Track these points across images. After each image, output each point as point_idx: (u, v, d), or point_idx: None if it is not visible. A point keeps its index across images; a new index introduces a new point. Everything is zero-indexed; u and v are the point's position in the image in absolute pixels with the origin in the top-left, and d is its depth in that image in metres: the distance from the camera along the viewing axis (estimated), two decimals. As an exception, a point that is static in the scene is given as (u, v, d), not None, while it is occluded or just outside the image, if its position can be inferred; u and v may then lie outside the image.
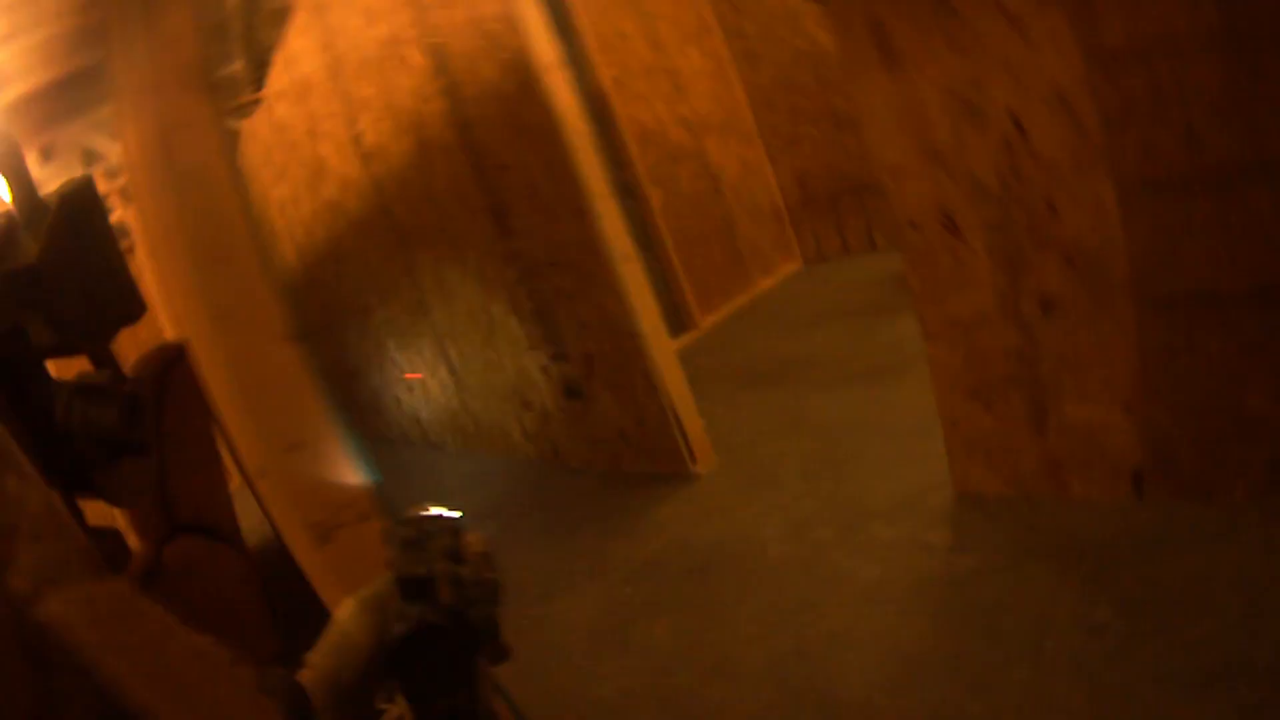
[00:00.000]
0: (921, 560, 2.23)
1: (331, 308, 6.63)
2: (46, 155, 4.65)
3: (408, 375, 5.51)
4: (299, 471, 1.48)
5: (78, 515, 0.40)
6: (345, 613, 0.77)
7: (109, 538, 0.47)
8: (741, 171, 5.95)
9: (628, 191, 5.51)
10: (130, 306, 0.45)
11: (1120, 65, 1.74)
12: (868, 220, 5.48)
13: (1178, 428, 1.91)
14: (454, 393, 5.37)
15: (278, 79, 5.24)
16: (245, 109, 5.75)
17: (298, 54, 5.00)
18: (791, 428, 3.54)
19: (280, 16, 5.37)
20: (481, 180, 3.87)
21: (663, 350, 3.60)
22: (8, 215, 0.40)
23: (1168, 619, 1.66)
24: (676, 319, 5.60)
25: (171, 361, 1.64)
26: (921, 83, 2.12)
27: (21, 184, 0.40)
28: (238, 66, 6.02)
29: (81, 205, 0.42)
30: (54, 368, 0.43)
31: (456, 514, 0.94)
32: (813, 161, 5.68)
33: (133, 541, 1.59)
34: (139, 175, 1.57)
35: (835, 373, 3.86)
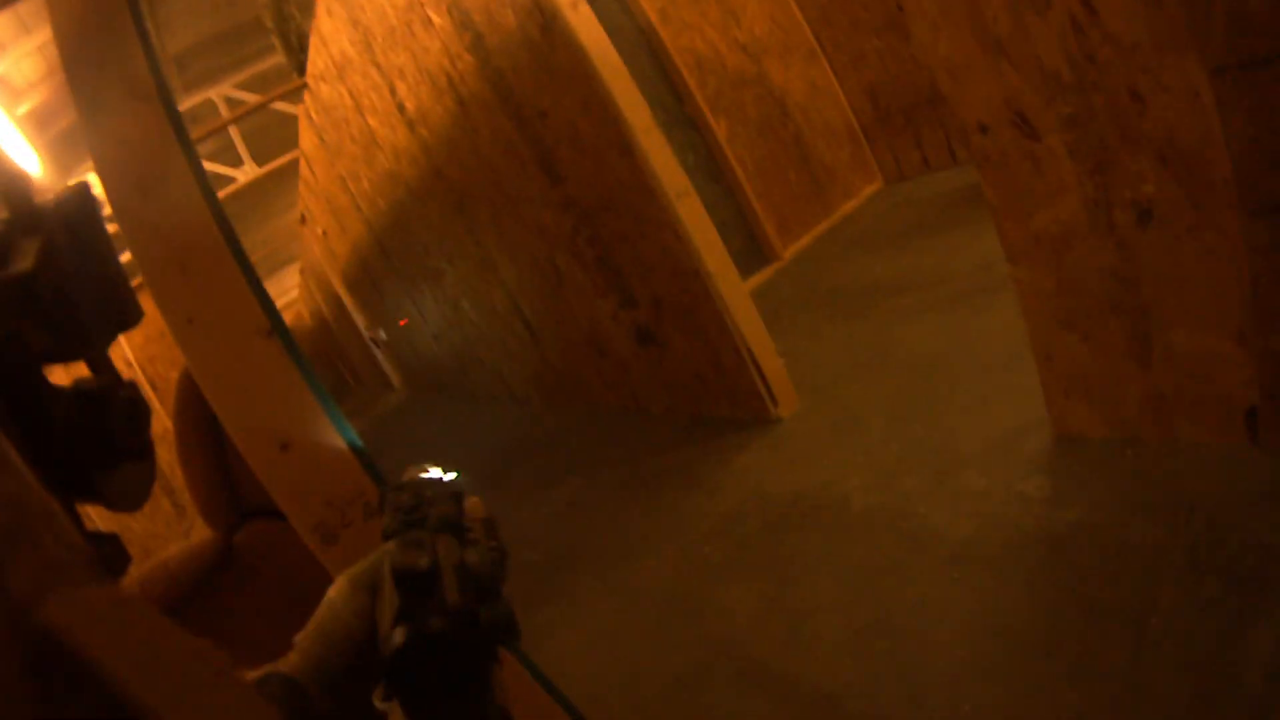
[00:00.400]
0: (1017, 515, 1.99)
1: (402, 274, 6.68)
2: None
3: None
4: (294, 472, 1.37)
5: (77, 520, 0.40)
6: (336, 592, 0.69)
7: (109, 542, 0.43)
8: (809, 92, 5.54)
9: (690, 124, 5.23)
10: (128, 312, 0.45)
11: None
12: (946, 132, 5.01)
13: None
14: (532, 347, 5.31)
15: (316, 61, 5.21)
16: (293, 95, 5.75)
17: (329, 34, 4.97)
18: (878, 363, 3.28)
19: (308, 1, 5.31)
20: (523, 130, 3.69)
21: (733, 288, 3.38)
22: (4, 221, 0.40)
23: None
24: (756, 251, 5.34)
25: None
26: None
27: (18, 189, 0.40)
28: (276, 57, 6.03)
29: (79, 211, 0.41)
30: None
31: (454, 475, 0.84)
32: (882, 75, 5.20)
33: (199, 531, 1.56)
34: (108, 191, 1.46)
35: (923, 299, 3.54)
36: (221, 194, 6.89)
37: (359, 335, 10.53)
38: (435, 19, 3.83)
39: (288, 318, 17.08)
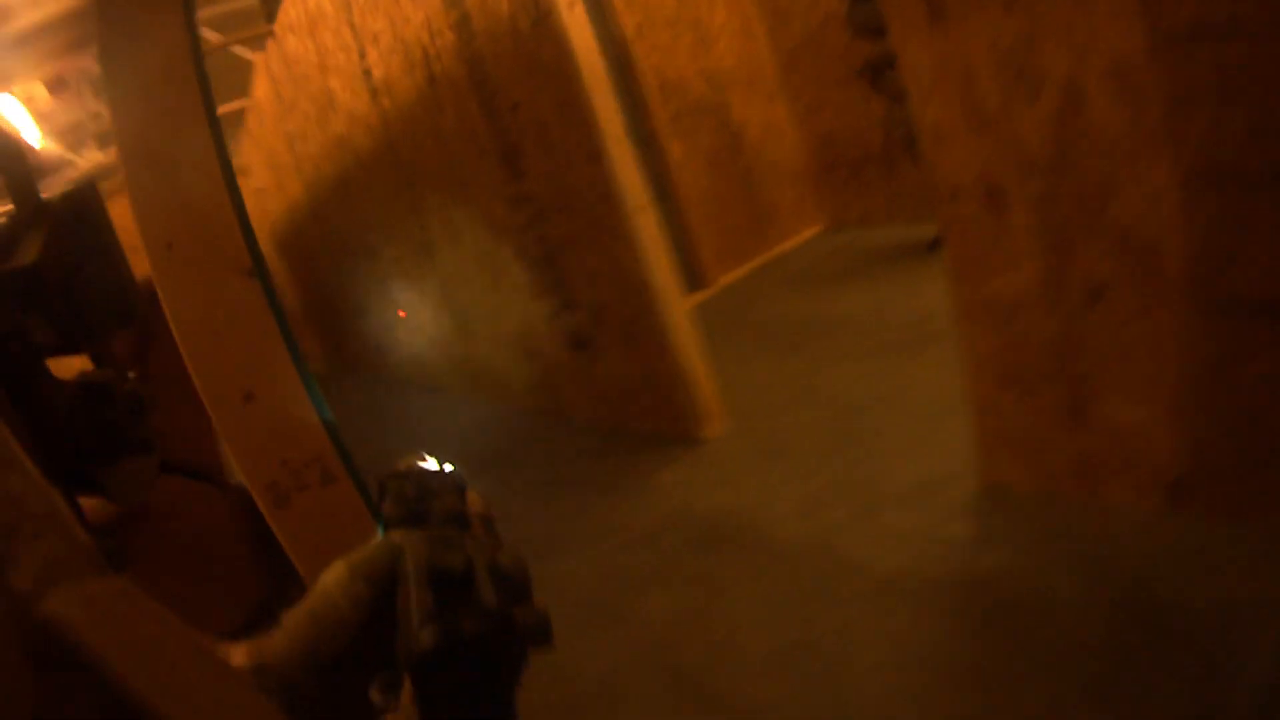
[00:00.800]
0: (942, 554, 2.11)
1: (336, 245, 6.49)
2: (57, 86, 4.47)
3: (401, 313, 5.40)
4: (254, 425, 1.33)
5: (79, 513, 0.40)
6: (333, 577, 0.66)
7: (111, 535, 0.49)
8: (764, 130, 5.72)
9: (645, 142, 5.30)
10: (131, 306, 0.46)
11: (1186, 44, 1.55)
12: (892, 190, 5.26)
13: (1223, 440, 1.76)
14: (456, 337, 5.24)
15: (289, 11, 5.04)
16: (257, 41, 5.55)
17: None
18: (807, 397, 3.41)
19: None
20: (492, 120, 3.67)
21: (675, 306, 3.45)
22: (10, 216, 0.41)
23: (1203, 649, 1.54)
24: (691, 275, 5.44)
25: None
26: (971, 43, 1.94)
27: (24, 185, 0.41)
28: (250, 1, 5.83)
29: (83, 207, 0.42)
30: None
31: (452, 467, 0.83)
32: (836, 125, 5.43)
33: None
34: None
35: (855, 343, 3.70)
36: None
37: (278, 299, 10.09)
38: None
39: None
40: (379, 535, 0.72)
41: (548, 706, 2.15)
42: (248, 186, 8.30)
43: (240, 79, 6.51)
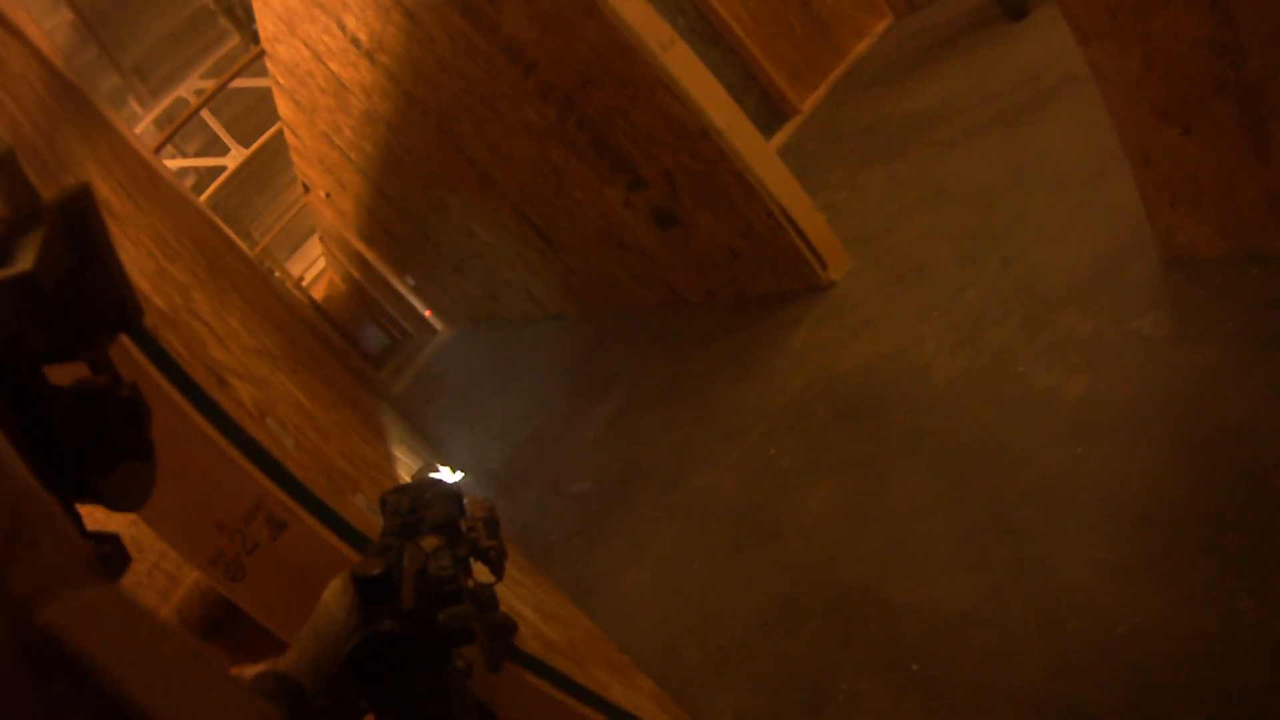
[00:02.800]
0: (1139, 363, 1.57)
1: (410, 214, 6.29)
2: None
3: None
4: (167, 498, 1.04)
5: (76, 520, 0.38)
6: (330, 592, 0.72)
7: (109, 542, 0.40)
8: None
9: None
10: (128, 312, 0.44)
11: None
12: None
13: None
14: (551, 256, 4.91)
15: (265, 24, 4.77)
16: (253, 66, 5.35)
17: None
18: (930, 201, 2.80)
19: None
20: (478, 22, 3.19)
21: (750, 143, 2.91)
22: (5, 220, 0.39)
23: None
24: (773, 110, 4.79)
25: None
26: None
27: (19, 189, 0.39)
28: (233, 37, 5.61)
29: (79, 211, 0.41)
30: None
31: (459, 475, 1.04)
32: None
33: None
34: None
35: (967, 124, 3.01)
36: (214, 185, 6.56)
37: (392, 287, 10.24)
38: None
39: (319, 287, 16.78)
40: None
41: (703, 659, 1.85)
42: (318, 198, 8.27)
43: (266, 106, 6.37)
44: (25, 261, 0.38)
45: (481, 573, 0.99)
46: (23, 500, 0.29)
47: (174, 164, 6.25)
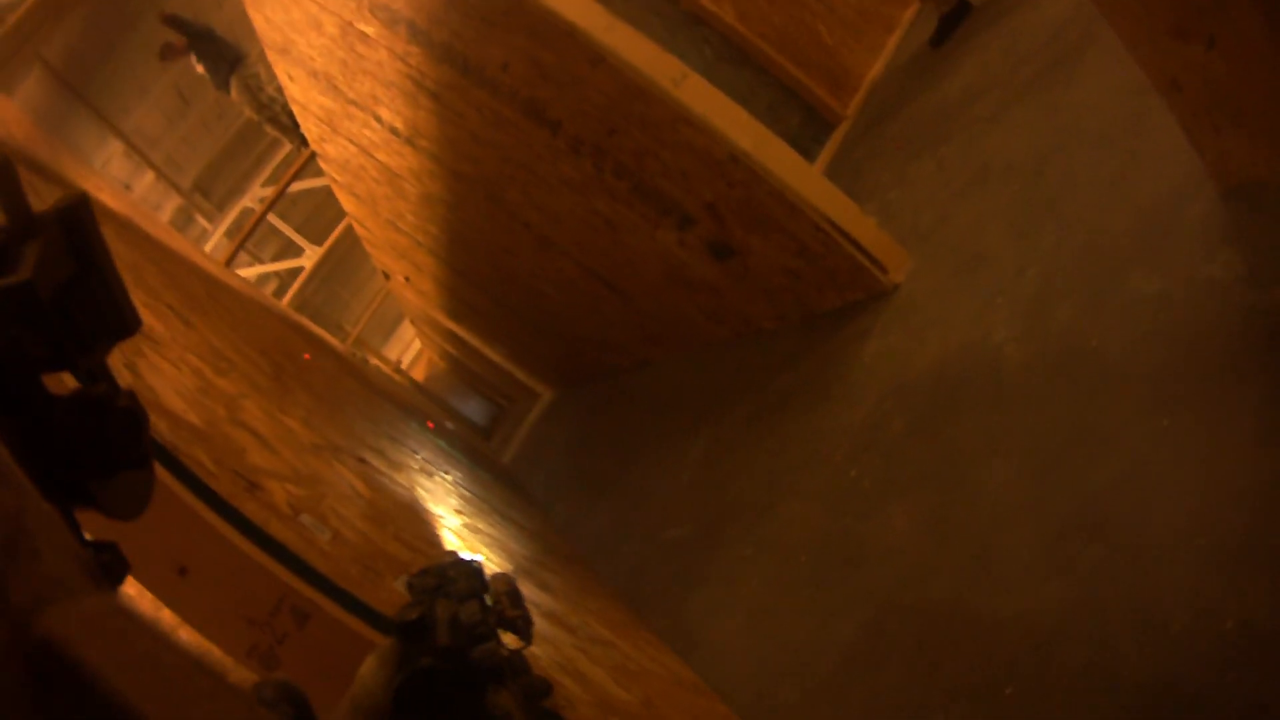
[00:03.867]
0: (1215, 313, 1.40)
1: (487, 288, 6.45)
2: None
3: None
4: (199, 598, 1.08)
5: (76, 529, 0.39)
6: (367, 668, 0.75)
7: (108, 550, 0.40)
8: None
9: (693, 20, 4.61)
10: (125, 321, 0.44)
11: None
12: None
13: None
14: (623, 305, 4.92)
15: (308, 127, 5.07)
16: (310, 167, 5.69)
17: (302, 97, 4.84)
18: (980, 182, 2.65)
19: (267, 78, 5.16)
20: (497, 92, 3.28)
21: (782, 160, 2.85)
22: (2, 230, 0.39)
23: None
24: (819, 122, 4.68)
25: None
26: None
27: (16, 198, 0.39)
28: (283, 143, 6.00)
29: (77, 220, 0.41)
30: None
31: (478, 557, 0.95)
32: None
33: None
34: None
35: (1002, 94, 2.85)
36: (296, 285, 6.95)
37: (486, 359, 10.53)
38: (368, 30, 3.51)
39: (419, 368, 17.42)
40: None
41: (793, 701, 1.74)
42: (399, 284, 8.62)
43: (332, 204, 6.73)
44: (23, 270, 0.38)
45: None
46: (23, 509, 0.29)
47: (251, 272, 6.64)
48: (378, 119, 4.28)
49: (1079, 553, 1.37)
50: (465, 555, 1.16)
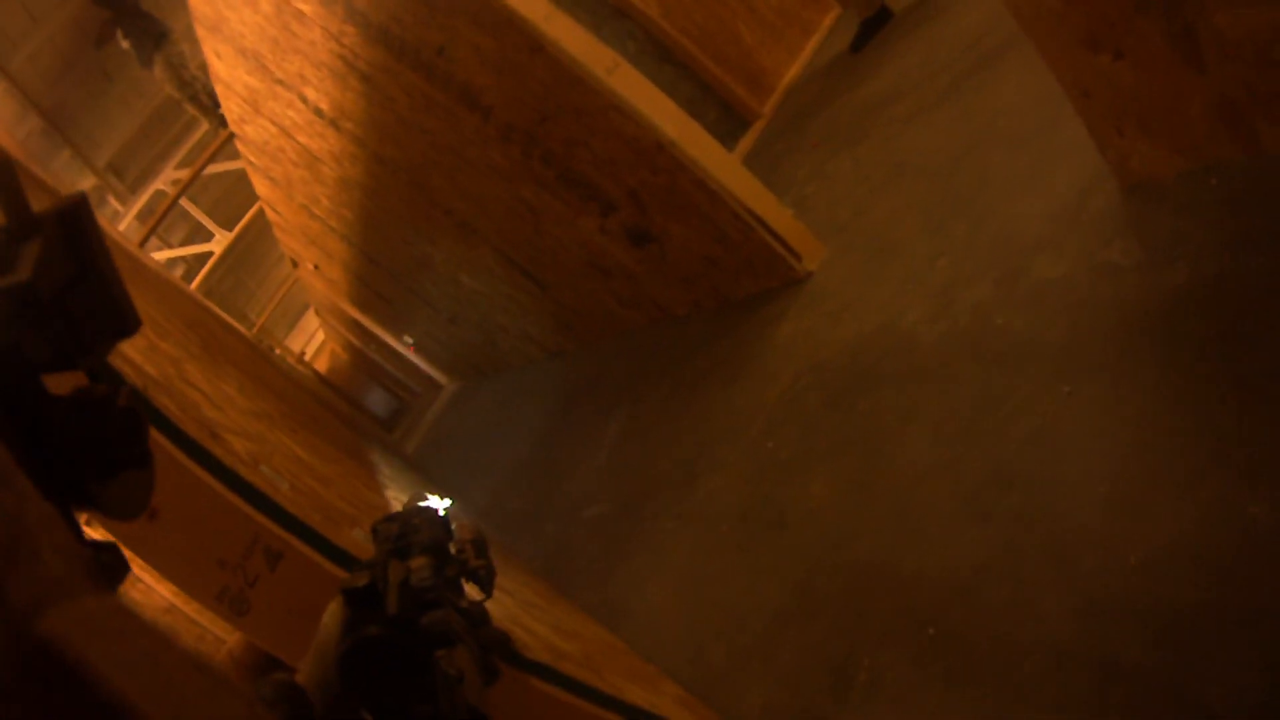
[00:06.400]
0: (1113, 293, 1.57)
1: (399, 274, 6.34)
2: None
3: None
4: (170, 540, 1.07)
5: (76, 529, 0.39)
6: (328, 614, 0.75)
7: (108, 550, 0.40)
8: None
9: (618, 13, 4.67)
10: (126, 321, 0.44)
11: None
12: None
13: None
14: (541, 294, 4.94)
15: (229, 107, 4.89)
16: (226, 149, 5.48)
17: (227, 75, 4.71)
18: (895, 178, 2.82)
19: (191, 55, 4.95)
20: (431, 76, 3.26)
21: (706, 151, 2.95)
22: (2, 230, 0.39)
23: None
24: (735, 119, 4.81)
25: None
26: None
27: (16, 199, 0.39)
28: (201, 123, 5.75)
29: (77, 220, 0.41)
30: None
31: (448, 502, 0.96)
32: None
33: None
34: None
35: (920, 98, 3.03)
36: (203, 271, 6.66)
37: (392, 349, 10.33)
38: (304, 7, 3.43)
39: (321, 359, 16.89)
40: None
41: (729, 659, 1.83)
42: (306, 271, 8.36)
43: (244, 188, 6.48)
44: (23, 270, 0.38)
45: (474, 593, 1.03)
46: (23, 509, 0.29)
47: (161, 255, 6.34)
48: (303, 99, 4.17)
49: (995, 504, 1.51)
50: (432, 502, 1.17)
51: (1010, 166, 2.16)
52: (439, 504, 1.12)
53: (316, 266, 7.68)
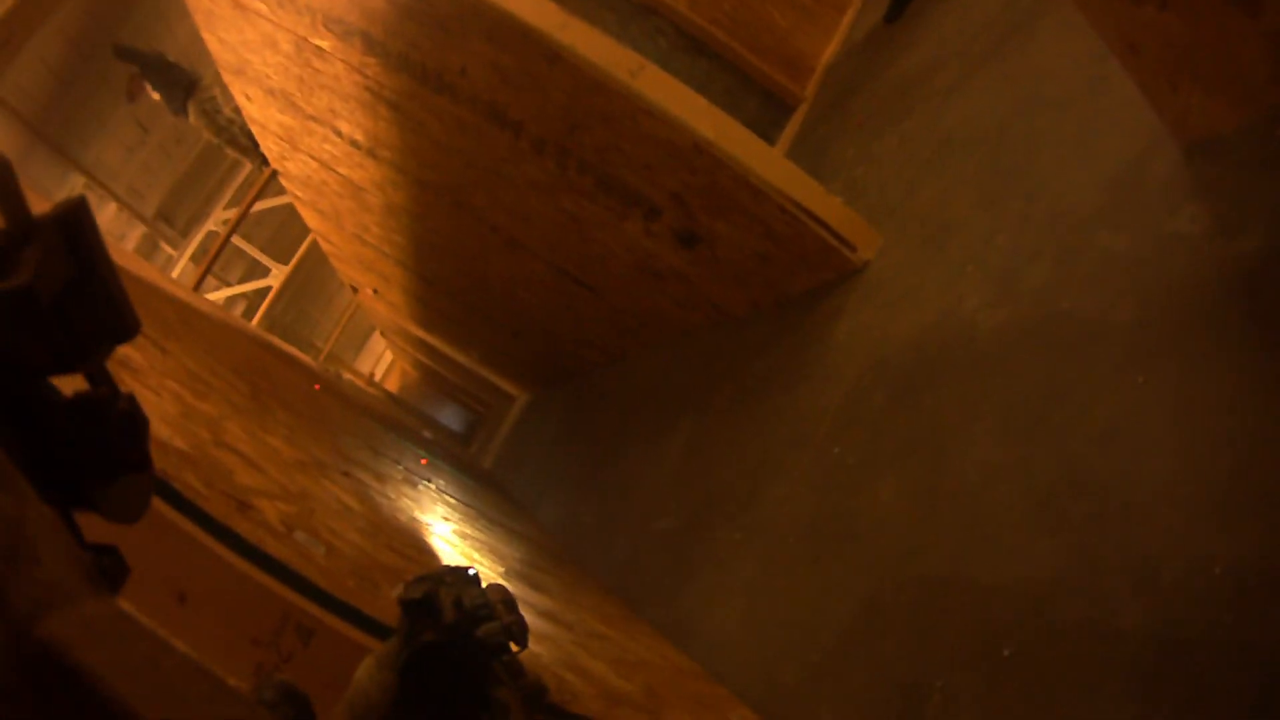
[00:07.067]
0: (1184, 266, 1.42)
1: (457, 293, 6.41)
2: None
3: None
4: (202, 623, 1.07)
5: (76, 532, 0.39)
6: (363, 670, 0.76)
7: (109, 554, 0.40)
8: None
9: (645, 10, 4.60)
10: (125, 324, 0.43)
11: None
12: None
13: None
14: (597, 300, 4.91)
15: (267, 146, 5.02)
16: (272, 186, 5.63)
17: (260, 116, 4.79)
18: (944, 153, 2.67)
19: (224, 99, 5.09)
20: (457, 97, 3.25)
21: (745, 146, 2.85)
22: (2, 234, 0.39)
23: None
24: (778, 105, 4.69)
25: None
26: None
27: (15, 202, 0.39)
28: (244, 164, 5.91)
29: (76, 224, 0.41)
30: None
31: (472, 570, 0.91)
32: None
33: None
34: None
35: (961, 66, 2.87)
36: (265, 305, 6.86)
37: (460, 365, 10.48)
38: (323, 44, 3.46)
39: (392, 379, 17.27)
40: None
41: (799, 679, 1.74)
42: (367, 296, 8.54)
43: (296, 221, 6.66)
44: (23, 274, 0.38)
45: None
46: (24, 514, 0.29)
47: (220, 295, 6.55)
48: (337, 132, 4.23)
49: (1067, 510, 1.39)
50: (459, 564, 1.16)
51: (1059, 132, 2.00)
52: (461, 567, 1.12)
53: (376, 291, 7.83)
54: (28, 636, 0.26)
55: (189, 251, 6.22)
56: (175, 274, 5.95)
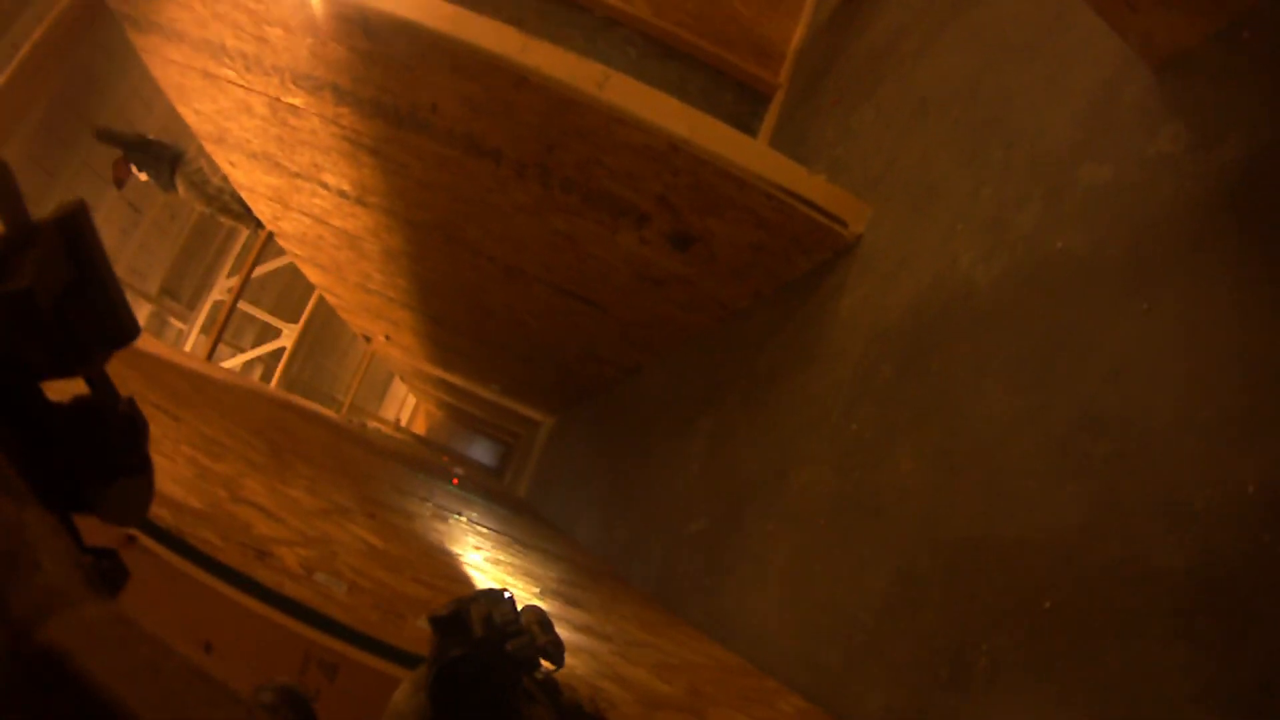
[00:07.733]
0: (1170, 186, 1.39)
1: (464, 330, 6.44)
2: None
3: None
4: (229, 672, 1.08)
5: (76, 536, 0.39)
6: (399, 693, 0.75)
7: (109, 558, 0.40)
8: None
9: (610, 23, 4.61)
10: (125, 328, 0.43)
11: None
12: None
13: None
14: (602, 316, 4.91)
15: (259, 209, 5.07)
16: (272, 247, 5.69)
17: (247, 181, 4.88)
18: (920, 116, 2.65)
19: (210, 169, 5.16)
20: (432, 134, 3.27)
21: (721, 139, 2.85)
22: (2, 238, 0.39)
23: None
24: (754, 96, 4.67)
25: None
26: None
27: (14, 206, 0.39)
28: (240, 230, 5.97)
29: (76, 227, 0.41)
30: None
31: (503, 590, 0.89)
32: None
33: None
34: None
35: (926, 31, 2.85)
36: (281, 366, 6.91)
37: (482, 399, 10.52)
38: (295, 101, 3.50)
39: (418, 422, 17.34)
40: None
41: (842, 661, 1.71)
42: (380, 344, 8.60)
43: (301, 279, 6.72)
44: (23, 278, 0.38)
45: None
46: (23, 517, 0.29)
47: (234, 362, 6.61)
48: (324, 185, 4.27)
49: (1088, 453, 1.36)
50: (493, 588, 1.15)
51: (1030, 76, 1.98)
52: (494, 589, 1.12)
53: (388, 337, 7.89)
54: (28, 641, 0.25)
55: (198, 323, 6.30)
56: (188, 347, 6.02)
